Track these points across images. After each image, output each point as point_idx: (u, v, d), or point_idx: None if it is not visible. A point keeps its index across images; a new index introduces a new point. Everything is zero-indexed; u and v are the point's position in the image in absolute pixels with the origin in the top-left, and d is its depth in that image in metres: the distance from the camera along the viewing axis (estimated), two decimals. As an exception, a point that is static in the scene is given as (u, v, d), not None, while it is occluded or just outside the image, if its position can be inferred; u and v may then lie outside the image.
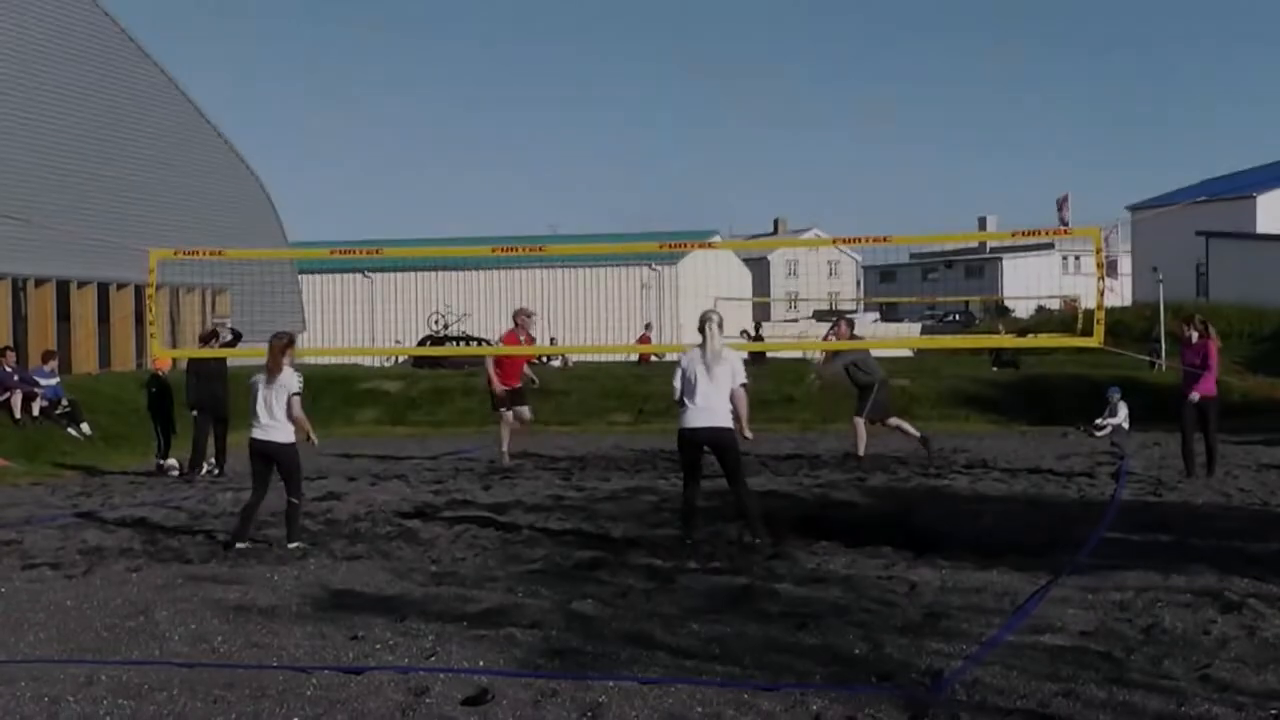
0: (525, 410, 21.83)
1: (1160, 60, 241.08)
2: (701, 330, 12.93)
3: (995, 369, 36.76)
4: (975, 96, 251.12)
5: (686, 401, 12.81)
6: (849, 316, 26.42)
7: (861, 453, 20.96)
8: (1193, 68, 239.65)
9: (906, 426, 21.79)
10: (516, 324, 21.62)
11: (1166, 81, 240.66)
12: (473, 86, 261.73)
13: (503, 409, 21.44)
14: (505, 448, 21.46)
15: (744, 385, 13.00)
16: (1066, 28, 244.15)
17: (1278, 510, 15.05)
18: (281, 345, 13.76)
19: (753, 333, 53.41)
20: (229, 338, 22.14)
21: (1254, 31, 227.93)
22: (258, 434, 13.62)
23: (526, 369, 22.02)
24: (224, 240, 37.86)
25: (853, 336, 23.01)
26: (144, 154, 43.25)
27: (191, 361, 21.84)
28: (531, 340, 22.41)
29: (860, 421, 21.21)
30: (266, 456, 13.65)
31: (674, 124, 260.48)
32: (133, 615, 9.93)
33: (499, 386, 21.08)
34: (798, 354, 39.49)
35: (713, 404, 12.73)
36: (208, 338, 22.47)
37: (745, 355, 15.32)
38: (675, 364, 13.40)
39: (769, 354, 40.49)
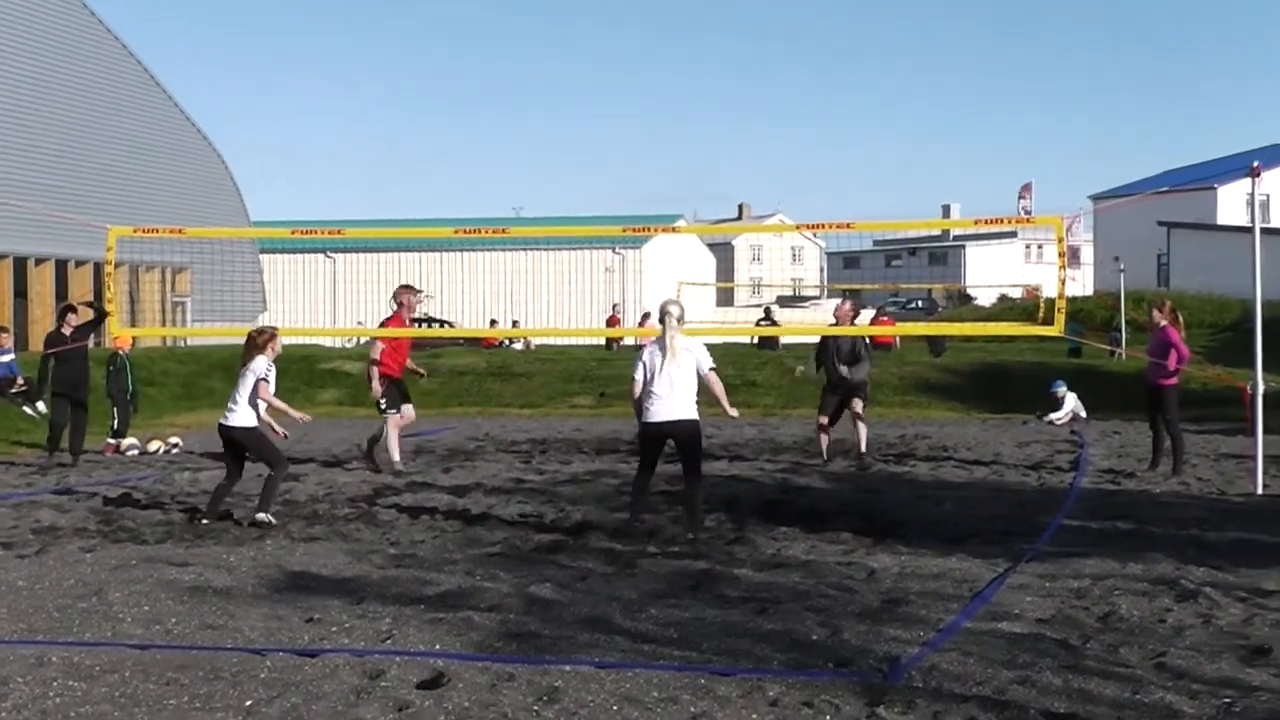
0: (410, 409, 18.94)
1: (1123, 51, 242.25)
2: (661, 321, 12.78)
3: (935, 357, 36.72)
4: (939, 85, 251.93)
5: (650, 394, 12.64)
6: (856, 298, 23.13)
7: (865, 448, 19.25)
8: (1155, 59, 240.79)
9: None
10: (401, 304, 18.89)
11: (1129, 72, 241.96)
12: (438, 67, 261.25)
13: (392, 409, 18.49)
14: (398, 455, 18.61)
15: (713, 369, 12.74)
16: (1030, 17, 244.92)
17: (1235, 500, 15.11)
18: (258, 340, 13.96)
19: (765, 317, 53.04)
20: (91, 316, 20.97)
21: (1214, 25, 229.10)
22: (221, 420, 13.92)
23: (410, 362, 19.30)
24: (185, 218, 37.75)
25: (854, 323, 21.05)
26: (105, 130, 43.07)
27: (49, 344, 20.87)
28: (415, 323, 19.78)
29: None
30: (230, 441, 13.87)
31: (639, 109, 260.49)
32: (86, 596, 9.85)
33: (378, 388, 18.31)
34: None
35: (676, 396, 12.50)
36: (63, 314, 21.32)
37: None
38: (636, 355, 13.14)
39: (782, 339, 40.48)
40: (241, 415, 13.70)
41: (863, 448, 18.89)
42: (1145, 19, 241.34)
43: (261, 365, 13.77)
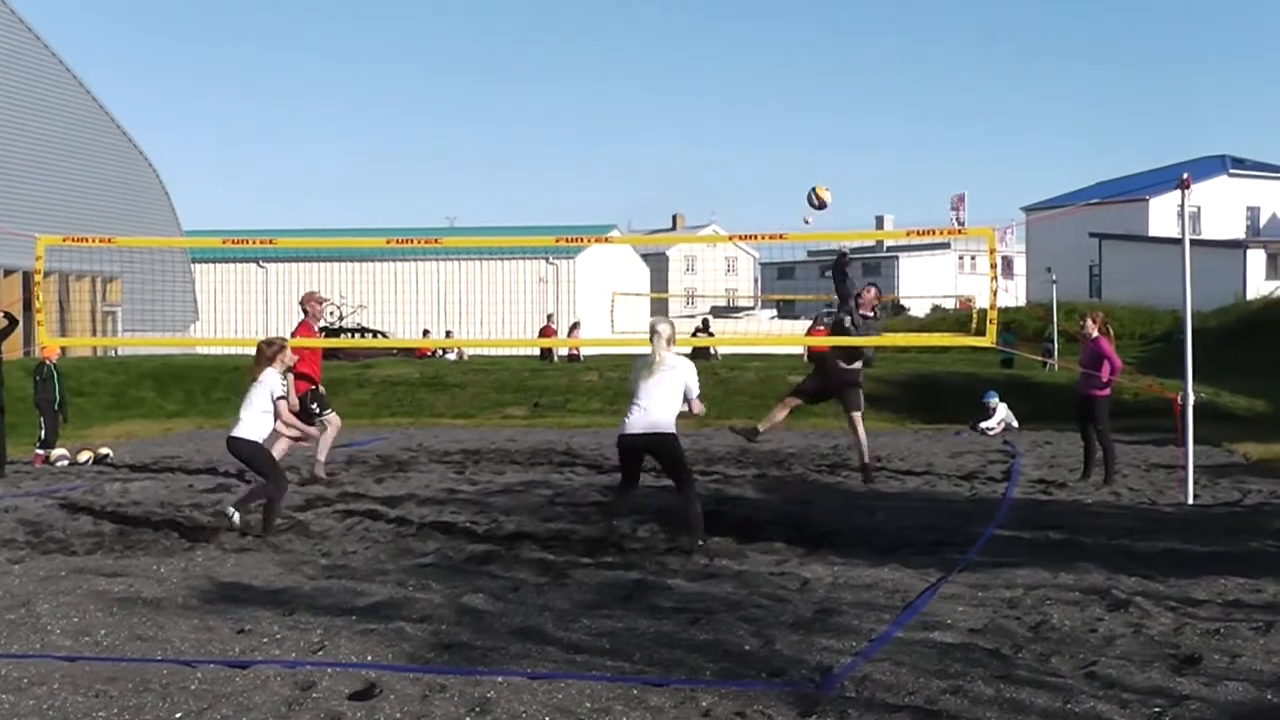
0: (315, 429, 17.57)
1: (1055, 64, 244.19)
2: (650, 339, 12.64)
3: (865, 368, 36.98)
4: (872, 95, 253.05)
5: (631, 406, 12.44)
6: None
7: (869, 457, 18.34)
8: (1087, 72, 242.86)
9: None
10: (308, 313, 18.95)
11: (1061, 84, 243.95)
12: (372, 77, 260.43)
13: (326, 410, 18.34)
14: (323, 455, 18.43)
15: (699, 396, 12.59)
16: (962, 29, 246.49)
17: (1166, 510, 15.21)
18: (267, 352, 13.70)
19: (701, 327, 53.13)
20: (4, 324, 20.19)
21: (1147, 39, 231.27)
22: (229, 434, 13.57)
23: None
24: (116, 227, 37.46)
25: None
26: (35, 138, 42.73)
27: None
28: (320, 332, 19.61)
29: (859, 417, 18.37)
30: (233, 454, 13.57)
31: (574, 120, 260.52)
32: (13, 608, 9.75)
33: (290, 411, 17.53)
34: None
35: (653, 410, 12.30)
36: None
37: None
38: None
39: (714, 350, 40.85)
40: (242, 427, 13.38)
41: (866, 458, 18.10)
42: (1077, 32, 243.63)
43: (273, 378, 13.53)
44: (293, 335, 18.41)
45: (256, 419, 13.41)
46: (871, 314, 18.65)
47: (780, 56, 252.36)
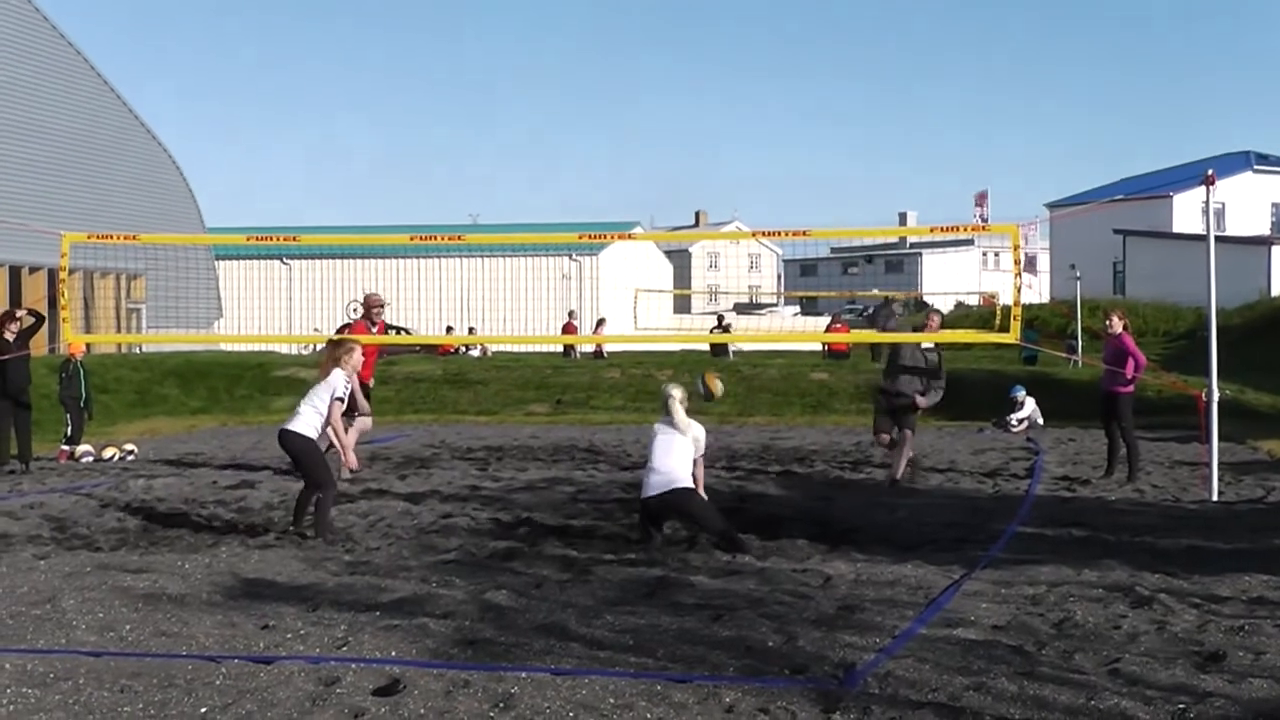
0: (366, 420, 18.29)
1: (1079, 60, 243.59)
2: (665, 406, 12.78)
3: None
4: (896, 93, 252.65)
5: (648, 469, 12.64)
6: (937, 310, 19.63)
7: (900, 475, 17.53)
8: (1111, 68, 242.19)
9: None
10: (366, 315, 19.04)
11: (1085, 80, 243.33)
12: (395, 75, 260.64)
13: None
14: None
15: (702, 456, 12.89)
16: (986, 26, 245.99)
17: (1189, 507, 15.18)
18: (336, 354, 13.64)
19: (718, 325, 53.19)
20: (31, 322, 20.51)
21: (1170, 35, 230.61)
22: (282, 426, 13.50)
23: None
24: (140, 224, 37.54)
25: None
26: (59, 136, 42.82)
27: None
28: (384, 331, 19.77)
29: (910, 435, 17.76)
30: (283, 447, 13.48)
31: (596, 117, 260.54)
32: (39, 603, 9.77)
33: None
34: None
35: (669, 470, 12.46)
36: (3, 320, 20.36)
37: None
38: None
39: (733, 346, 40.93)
40: (297, 421, 13.27)
41: (896, 475, 17.45)
42: (1101, 29, 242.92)
43: (338, 378, 13.43)
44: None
45: (312, 417, 13.31)
46: (931, 347, 18.16)
47: (803, 53, 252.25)
